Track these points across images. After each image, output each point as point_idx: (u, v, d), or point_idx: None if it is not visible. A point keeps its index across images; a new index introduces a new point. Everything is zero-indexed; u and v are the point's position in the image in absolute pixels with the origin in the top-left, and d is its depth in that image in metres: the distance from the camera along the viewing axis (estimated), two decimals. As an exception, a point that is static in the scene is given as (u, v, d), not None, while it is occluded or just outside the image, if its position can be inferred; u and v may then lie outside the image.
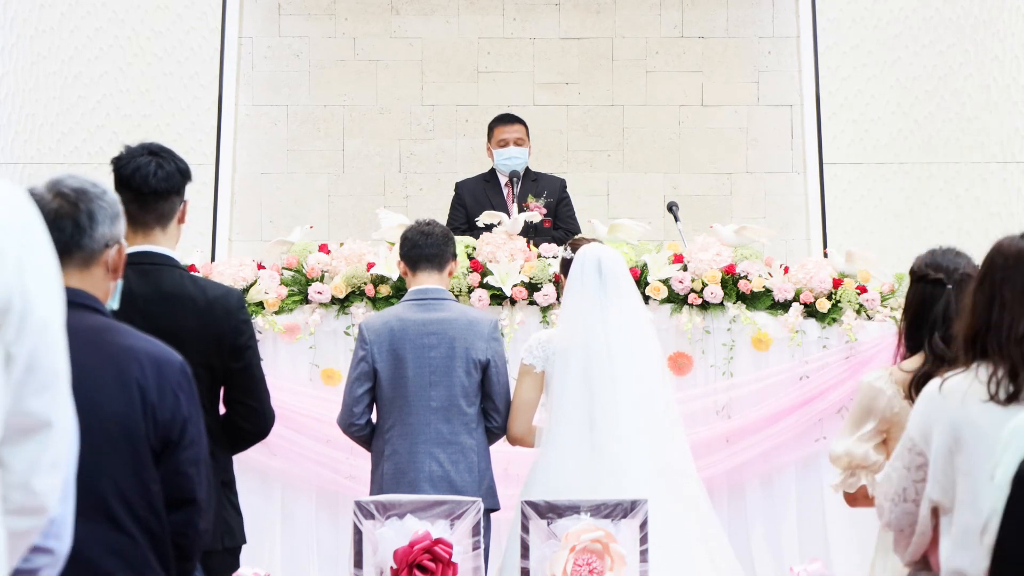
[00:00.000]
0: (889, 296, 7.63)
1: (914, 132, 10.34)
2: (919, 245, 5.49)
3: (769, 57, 10.70)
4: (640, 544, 5.37)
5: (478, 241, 7.62)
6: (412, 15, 10.75)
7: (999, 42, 10.30)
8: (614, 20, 10.74)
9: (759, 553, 7.41)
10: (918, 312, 4.74)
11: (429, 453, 6.13)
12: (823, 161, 10.34)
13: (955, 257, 4.81)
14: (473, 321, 6.22)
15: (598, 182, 10.59)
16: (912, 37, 10.36)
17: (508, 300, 7.45)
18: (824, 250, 9.00)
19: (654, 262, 7.53)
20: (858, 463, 4.76)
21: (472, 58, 10.73)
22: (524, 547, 5.36)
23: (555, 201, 8.39)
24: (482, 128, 9.17)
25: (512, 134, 8.50)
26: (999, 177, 10.26)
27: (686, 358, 7.47)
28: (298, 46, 10.70)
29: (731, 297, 7.51)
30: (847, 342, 7.46)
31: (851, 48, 10.40)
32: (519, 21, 10.76)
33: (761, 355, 7.52)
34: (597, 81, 10.71)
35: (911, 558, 4.11)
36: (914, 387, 4.56)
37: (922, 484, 3.98)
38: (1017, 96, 10.25)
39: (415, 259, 6.28)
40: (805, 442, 7.47)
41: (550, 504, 5.36)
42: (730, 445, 7.44)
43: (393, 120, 10.68)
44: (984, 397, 3.85)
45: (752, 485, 7.49)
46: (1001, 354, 3.85)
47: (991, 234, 4.19)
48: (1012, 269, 3.89)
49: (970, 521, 3.77)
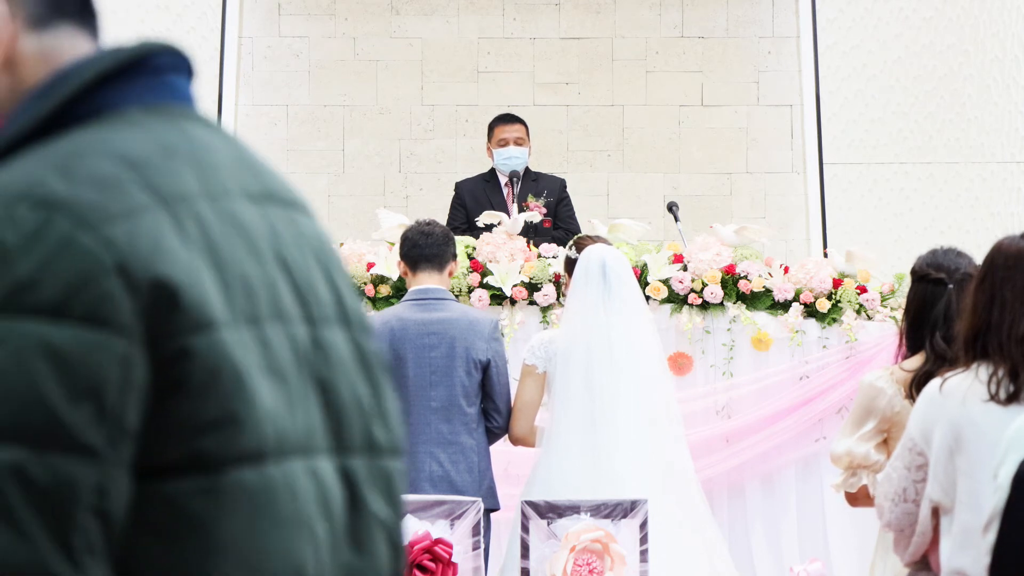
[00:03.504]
0: (889, 296, 7.63)
1: (914, 132, 10.34)
2: (919, 245, 5.49)
3: (769, 57, 10.70)
4: (640, 544, 5.38)
5: (478, 241, 7.62)
6: (412, 15, 10.75)
7: (999, 42, 10.30)
8: (614, 20, 10.74)
9: (759, 553, 7.41)
10: (919, 312, 4.74)
11: (429, 453, 6.13)
12: (823, 161, 10.34)
13: (956, 257, 4.81)
14: (473, 321, 6.22)
15: (598, 182, 10.59)
16: (912, 37, 10.36)
17: (508, 300, 7.44)
18: (824, 250, 8.99)
19: (654, 262, 7.53)
20: (859, 463, 4.76)
21: (472, 58, 10.73)
22: (524, 547, 5.36)
23: (555, 201, 8.39)
24: (482, 128, 9.17)
25: (512, 134, 8.50)
26: (999, 177, 10.26)
27: (686, 358, 7.47)
28: (298, 46, 10.70)
29: (731, 297, 7.51)
30: (847, 342, 7.46)
31: (851, 48, 10.40)
32: (519, 21, 10.76)
33: (761, 355, 7.52)
34: (597, 81, 10.71)
35: (911, 558, 4.11)
36: (915, 387, 4.56)
37: (922, 484, 3.98)
38: (1017, 96, 10.25)
39: (415, 259, 6.28)
40: (805, 442, 7.47)
41: (550, 504, 5.36)
42: (730, 445, 7.43)
43: (393, 120, 10.69)
44: (985, 397, 3.85)
45: (752, 485, 7.49)
46: (1002, 354, 3.85)
47: (991, 234, 4.20)
48: (1013, 269, 3.89)
49: (971, 521, 3.77)
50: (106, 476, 1.41)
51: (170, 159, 1.53)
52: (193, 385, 1.45)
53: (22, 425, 1.37)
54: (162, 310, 1.44)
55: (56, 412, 1.38)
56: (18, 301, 1.39)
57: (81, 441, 1.39)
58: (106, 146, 1.50)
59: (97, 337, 1.40)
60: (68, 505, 1.38)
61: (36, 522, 1.37)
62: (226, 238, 1.52)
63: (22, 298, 1.40)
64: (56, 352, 1.39)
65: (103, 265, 1.41)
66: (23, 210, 1.42)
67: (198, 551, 1.45)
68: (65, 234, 1.41)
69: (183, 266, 1.46)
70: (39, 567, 1.37)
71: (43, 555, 1.37)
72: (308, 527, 1.53)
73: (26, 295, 1.40)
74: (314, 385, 1.57)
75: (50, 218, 1.42)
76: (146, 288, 1.43)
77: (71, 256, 1.41)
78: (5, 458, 1.37)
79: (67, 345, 1.39)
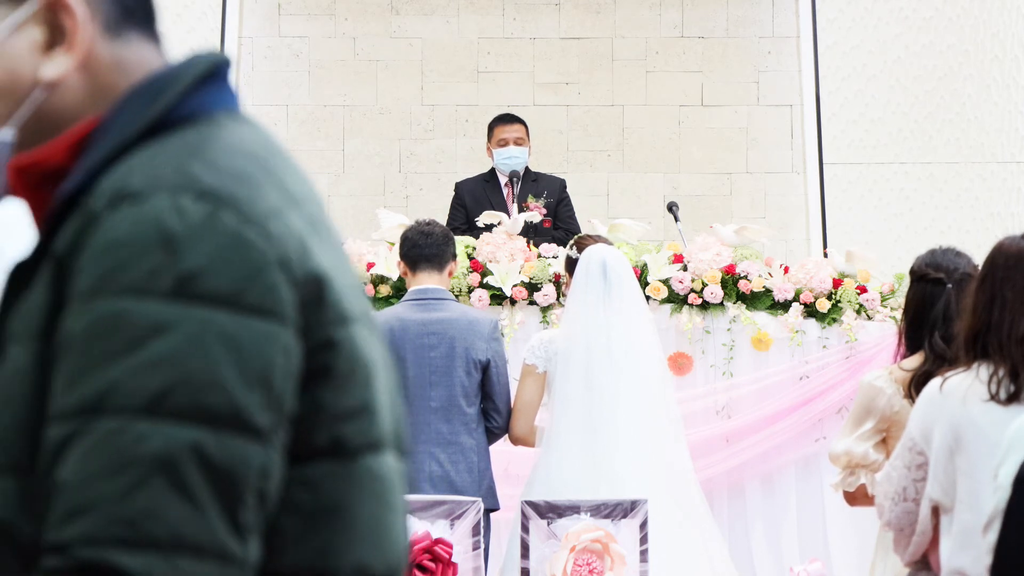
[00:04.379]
0: (889, 296, 7.63)
1: (914, 132, 10.34)
2: (919, 245, 5.49)
3: (769, 57, 10.70)
4: (640, 544, 5.38)
5: (478, 241, 7.62)
6: (412, 15, 10.75)
7: (999, 42, 10.30)
8: (614, 20, 10.74)
9: (759, 553, 7.41)
10: (918, 312, 4.74)
11: (429, 453, 6.13)
12: (823, 161, 10.34)
13: (955, 257, 4.81)
14: (473, 321, 6.22)
15: (598, 182, 10.59)
16: (912, 37, 10.36)
17: (508, 300, 7.44)
18: (824, 250, 9.00)
19: (654, 262, 7.53)
20: (857, 462, 4.76)
21: (472, 58, 10.73)
22: (524, 547, 5.36)
23: (555, 201, 8.38)
24: (482, 128, 9.17)
25: (512, 134, 8.50)
26: (999, 177, 10.26)
27: (686, 358, 7.47)
28: (298, 46, 10.70)
29: (731, 297, 7.51)
30: (847, 342, 7.46)
31: (851, 48, 10.40)
32: (519, 21, 10.76)
33: (761, 355, 7.52)
34: (597, 81, 10.71)
35: (911, 558, 4.11)
36: (914, 386, 4.56)
37: (922, 483, 3.99)
38: (1017, 96, 10.25)
39: (415, 259, 6.27)
40: (805, 442, 7.47)
41: (550, 504, 5.37)
42: (730, 445, 7.43)
43: (393, 120, 10.69)
44: (985, 397, 3.85)
45: (752, 485, 7.49)
46: (1002, 354, 3.85)
47: (991, 234, 4.20)
48: (1013, 269, 3.90)
49: (971, 521, 3.77)
50: (269, 458, 1.50)
51: (278, 160, 1.62)
52: (337, 375, 1.56)
53: (201, 406, 1.46)
54: (313, 303, 1.54)
55: (233, 395, 1.47)
56: (191, 289, 1.47)
57: (253, 424, 1.48)
58: (227, 145, 1.58)
59: (266, 327, 1.49)
60: (239, 484, 1.47)
61: (211, 498, 1.45)
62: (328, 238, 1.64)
63: (195, 286, 1.47)
64: (232, 339, 1.47)
65: (268, 259, 1.50)
66: (188, 201, 1.49)
67: (337, 532, 1.56)
68: (233, 227, 1.50)
69: (325, 262, 1.57)
70: (211, 541, 1.45)
71: (215, 529, 1.45)
72: (404, 514, 1.66)
73: (199, 283, 1.47)
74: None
75: (216, 211, 1.50)
76: (302, 282, 1.53)
77: (240, 249, 1.49)
78: (186, 436, 1.45)
79: (241, 333, 1.48)
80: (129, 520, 1.43)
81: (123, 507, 1.43)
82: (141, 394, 1.45)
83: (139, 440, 1.44)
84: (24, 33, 1.59)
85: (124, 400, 1.45)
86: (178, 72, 1.61)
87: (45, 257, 1.54)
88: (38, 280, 1.54)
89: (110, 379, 1.45)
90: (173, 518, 1.44)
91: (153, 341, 1.46)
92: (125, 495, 1.44)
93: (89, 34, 1.60)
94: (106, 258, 1.48)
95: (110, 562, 1.42)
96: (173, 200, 1.49)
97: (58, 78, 1.60)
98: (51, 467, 1.46)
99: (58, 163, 1.59)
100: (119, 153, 1.56)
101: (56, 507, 1.45)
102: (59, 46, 1.59)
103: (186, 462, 1.45)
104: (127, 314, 1.46)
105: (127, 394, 1.45)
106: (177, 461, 1.45)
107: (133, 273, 1.47)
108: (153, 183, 1.51)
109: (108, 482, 1.44)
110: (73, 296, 1.49)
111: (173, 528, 1.44)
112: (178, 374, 1.46)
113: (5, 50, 1.59)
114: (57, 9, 1.59)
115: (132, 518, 1.43)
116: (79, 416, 1.45)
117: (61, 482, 1.45)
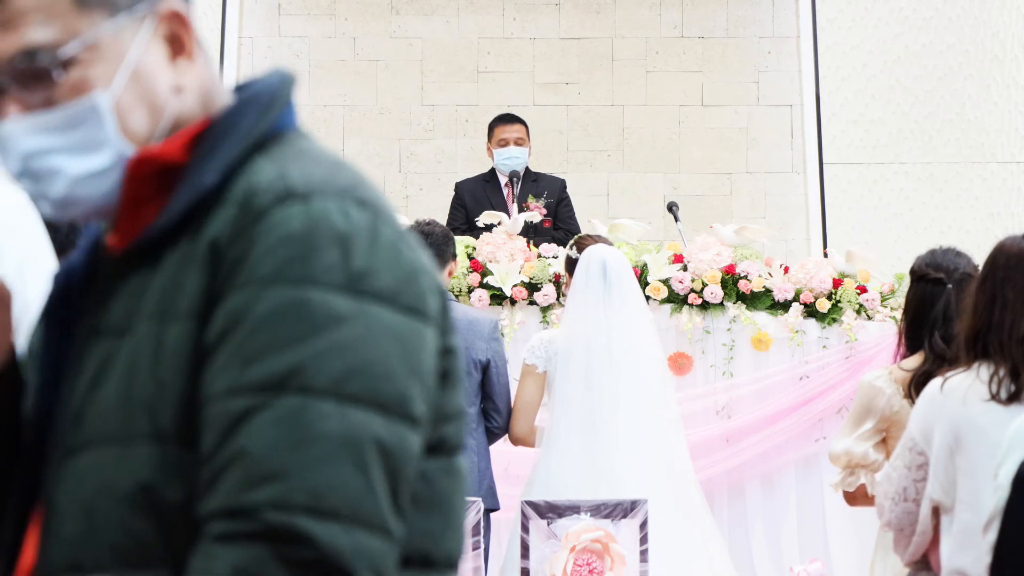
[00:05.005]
0: (889, 296, 7.63)
1: (914, 132, 10.34)
2: (919, 245, 5.48)
3: (769, 57, 10.70)
4: (640, 544, 5.38)
5: (478, 241, 7.62)
6: (412, 15, 10.75)
7: (999, 42, 10.30)
8: (614, 20, 10.74)
9: (759, 553, 7.41)
10: (918, 312, 4.74)
11: (429, 453, 6.12)
12: (823, 161, 10.34)
13: (955, 257, 4.81)
14: (473, 321, 6.22)
15: (598, 182, 10.59)
16: (912, 37, 10.36)
17: (508, 300, 7.44)
18: (824, 250, 8.99)
19: (654, 262, 7.52)
20: (857, 462, 4.76)
21: (472, 58, 10.73)
22: (524, 547, 5.36)
23: (555, 201, 8.38)
24: (482, 128, 9.17)
25: (512, 134, 8.49)
26: (999, 177, 10.26)
27: (686, 358, 7.46)
28: (298, 46, 10.70)
29: (731, 297, 7.51)
30: (847, 342, 7.46)
31: (851, 48, 10.40)
32: (519, 21, 10.76)
33: (761, 355, 7.51)
34: (597, 81, 10.71)
35: (911, 558, 4.11)
36: (914, 386, 4.56)
37: (922, 483, 3.99)
38: (1017, 96, 10.25)
39: (415, 259, 6.27)
40: (805, 442, 7.46)
41: (550, 504, 5.36)
42: (730, 445, 7.43)
43: (393, 120, 10.68)
44: (985, 397, 3.85)
45: (752, 485, 7.49)
46: (1002, 354, 3.85)
47: (991, 234, 4.21)
48: (1014, 269, 3.90)
49: (971, 520, 3.77)
50: (419, 446, 1.65)
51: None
52: (451, 379, 1.73)
53: (377, 393, 1.60)
54: (443, 311, 1.72)
55: (401, 385, 1.62)
56: (361, 285, 1.61)
57: (415, 414, 1.63)
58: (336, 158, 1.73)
59: (421, 326, 1.65)
60: (402, 468, 1.61)
61: (381, 479, 1.59)
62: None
63: (365, 283, 1.62)
64: (400, 335, 1.63)
65: (418, 267, 1.68)
66: (352, 207, 1.64)
67: (441, 522, 1.72)
68: (392, 236, 1.66)
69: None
70: (380, 518, 1.58)
71: (383, 508, 1.59)
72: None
73: (368, 281, 1.62)
74: None
75: (376, 219, 1.65)
76: (437, 291, 1.71)
77: (398, 256, 1.66)
78: (365, 420, 1.58)
79: (405, 330, 1.63)
80: (315, 491, 1.54)
81: (310, 478, 1.55)
82: (325, 377, 1.57)
83: (323, 418, 1.56)
84: (153, 50, 1.71)
85: (309, 380, 1.57)
86: (280, 87, 1.77)
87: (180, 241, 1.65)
88: (168, 261, 1.65)
89: (295, 360, 1.57)
90: (353, 493, 1.56)
91: (333, 329, 1.58)
92: (312, 467, 1.55)
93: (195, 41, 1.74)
94: (283, 249, 1.60)
95: (298, 527, 1.53)
96: (339, 204, 1.63)
97: (184, 85, 1.72)
98: (227, 436, 1.57)
99: (177, 158, 1.70)
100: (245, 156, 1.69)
101: (238, 473, 1.55)
102: (180, 56, 1.73)
103: (366, 443, 1.57)
104: (309, 302, 1.59)
105: (312, 375, 1.57)
106: (359, 442, 1.57)
107: (311, 265, 1.59)
108: (313, 186, 1.64)
109: (295, 454, 1.55)
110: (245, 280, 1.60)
111: (353, 503, 1.56)
112: (357, 361, 1.59)
113: (146, 70, 1.70)
114: (174, 21, 1.72)
115: (317, 489, 1.54)
116: (264, 391, 1.57)
117: (243, 451, 1.56)
